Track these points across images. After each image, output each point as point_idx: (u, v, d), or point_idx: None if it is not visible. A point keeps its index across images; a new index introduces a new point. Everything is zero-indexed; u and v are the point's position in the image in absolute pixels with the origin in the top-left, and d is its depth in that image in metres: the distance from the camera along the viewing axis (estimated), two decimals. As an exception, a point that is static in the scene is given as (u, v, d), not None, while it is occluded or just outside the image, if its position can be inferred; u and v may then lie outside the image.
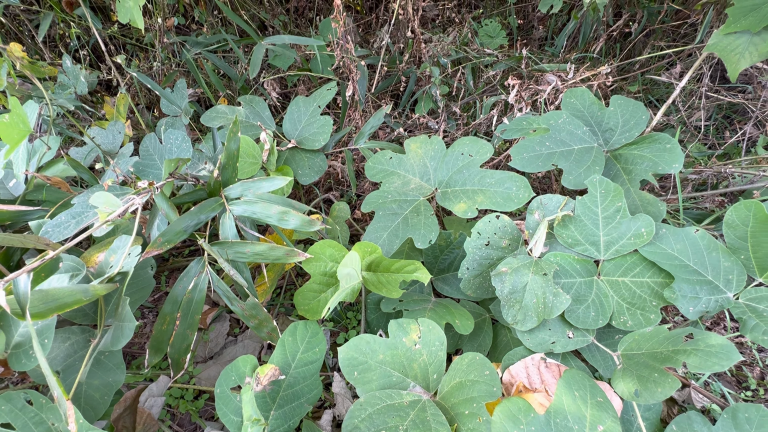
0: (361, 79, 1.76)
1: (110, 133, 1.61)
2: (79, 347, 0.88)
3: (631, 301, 0.94)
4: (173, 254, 1.63)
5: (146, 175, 1.27)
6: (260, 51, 1.67)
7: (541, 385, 0.89)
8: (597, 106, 1.24)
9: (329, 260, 1.08)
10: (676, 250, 0.93)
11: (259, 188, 1.09)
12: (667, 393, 0.74)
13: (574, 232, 1.00)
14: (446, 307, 1.09)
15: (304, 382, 0.88)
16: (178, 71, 2.11)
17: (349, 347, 0.87)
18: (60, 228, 1.04)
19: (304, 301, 1.09)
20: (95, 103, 2.19)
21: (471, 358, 0.84)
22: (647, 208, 1.07)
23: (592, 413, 0.68)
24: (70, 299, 0.71)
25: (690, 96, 2.05)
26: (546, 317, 0.93)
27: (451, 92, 2.06)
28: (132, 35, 2.28)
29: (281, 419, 0.84)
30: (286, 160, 1.43)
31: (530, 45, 2.39)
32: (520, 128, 1.27)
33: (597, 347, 0.98)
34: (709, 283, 0.89)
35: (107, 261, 0.96)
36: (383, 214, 1.16)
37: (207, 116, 1.49)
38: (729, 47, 1.02)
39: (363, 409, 0.79)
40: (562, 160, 1.14)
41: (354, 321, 1.33)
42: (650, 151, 1.12)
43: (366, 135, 1.45)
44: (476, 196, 1.11)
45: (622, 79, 2.19)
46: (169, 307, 0.96)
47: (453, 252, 1.21)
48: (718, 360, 0.74)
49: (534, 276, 0.95)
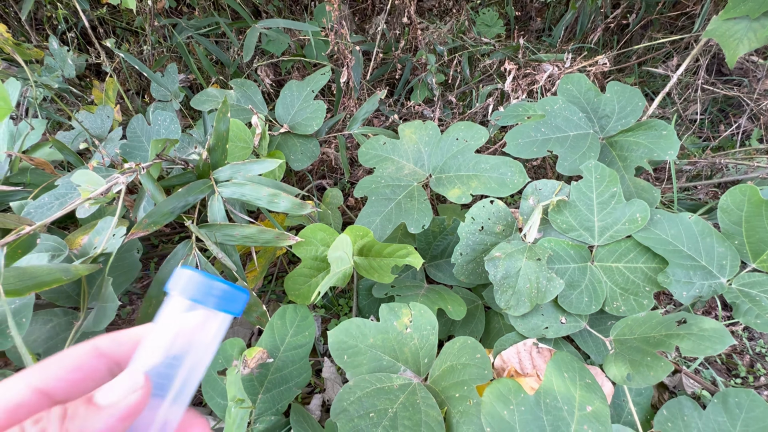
0: (355, 65, 1.74)
1: (98, 118, 1.57)
2: (62, 329, 0.86)
3: (624, 286, 0.93)
4: (163, 241, 1.61)
5: (133, 157, 1.24)
6: (254, 34, 1.64)
7: (533, 369, 0.88)
8: (593, 92, 1.23)
9: (320, 244, 1.07)
10: (670, 235, 0.92)
11: (250, 170, 1.06)
12: (659, 376, 0.73)
13: (569, 218, 0.99)
14: (439, 293, 1.07)
15: (293, 366, 0.86)
16: (168, 56, 2.06)
17: (339, 331, 0.86)
18: (43, 209, 1.01)
19: (295, 286, 1.07)
20: (84, 87, 2.14)
21: (462, 342, 0.83)
22: (642, 194, 1.06)
23: (581, 394, 0.67)
24: (48, 278, 0.68)
25: (686, 89, 2.05)
26: (539, 302, 0.92)
27: (447, 81, 2.04)
28: (122, 18, 2.22)
29: (269, 403, 0.82)
30: (279, 145, 1.40)
31: (527, 35, 2.37)
32: (515, 114, 1.26)
33: (589, 333, 0.97)
34: (702, 269, 0.89)
35: (91, 242, 0.94)
36: (376, 199, 1.14)
37: (197, 99, 1.45)
38: (728, 33, 1.01)
39: (352, 392, 0.77)
40: (558, 146, 1.13)
41: (346, 308, 1.31)
42: (646, 138, 1.11)
43: (360, 120, 1.43)
44: (471, 182, 1.10)
45: (619, 70, 2.18)
46: (155, 289, 0.94)
47: (446, 238, 1.19)
48: (711, 344, 0.73)
49: (527, 261, 0.94)
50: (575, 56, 1.97)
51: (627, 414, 0.88)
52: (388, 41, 2.04)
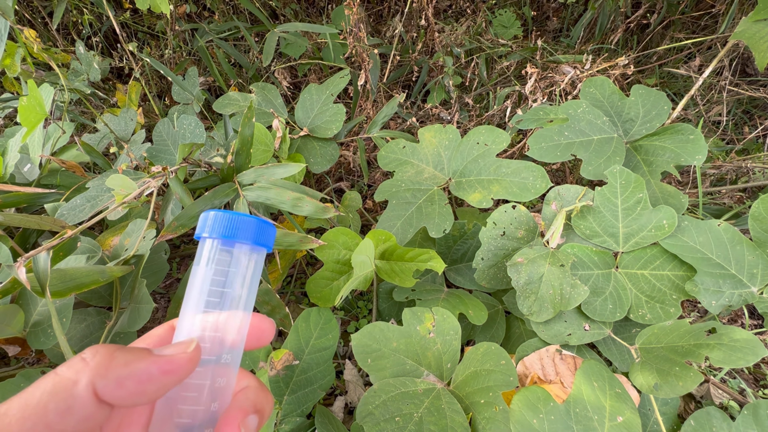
0: (373, 68, 1.74)
1: (122, 120, 1.61)
2: (95, 329, 0.88)
3: (650, 294, 0.92)
4: (184, 242, 1.64)
5: (159, 160, 1.27)
6: (273, 39, 1.66)
7: (556, 376, 0.88)
8: (617, 95, 1.21)
9: (342, 248, 1.08)
10: (698, 242, 0.91)
11: (273, 174, 1.08)
12: (689, 387, 0.72)
13: (593, 224, 0.98)
14: (459, 297, 1.07)
15: (317, 368, 0.87)
16: (189, 59, 2.10)
17: (362, 334, 0.86)
18: (75, 211, 1.04)
19: (317, 288, 1.09)
20: (107, 90, 2.20)
21: (486, 348, 0.83)
22: (668, 200, 1.04)
23: (611, 404, 0.67)
24: (87, 279, 0.71)
25: (708, 90, 2.00)
26: (562, 309, 0.91)
27: (464, 83, 2.03)
28: (144, 22, 2.27)
29: (294, 404, 0.84)
30: (298, 148, 1.42)
31: (545, 36, 2.34)
32: (536, 118, 1.25)
33: (613, 340, 0.96)
34: (732, 277, 0.87)
35: (122, 244, 0.96)
36: (397, 203, 1.15)
37: (219, 103, 1.48)
38: (758, 35, 0.99)
39: (377, 396, 0.78)
40: (581, 151, 1.12)
41: (365, 310, 1.32)
42: (672, 143, 1.09)
43: (379, 124, 1.44)
44: (491, 186, 1.10)
45: (639, 71, 2.14)
46: (182, 290, 0.96)
47: (466, 242, 1.19)
48: (743, 355, 0.72)
49: (551, 267, 0.93)
50: (595, 57, 1.94)
51: (653, 424, 0.87)
52: (405, 44, 2.04)
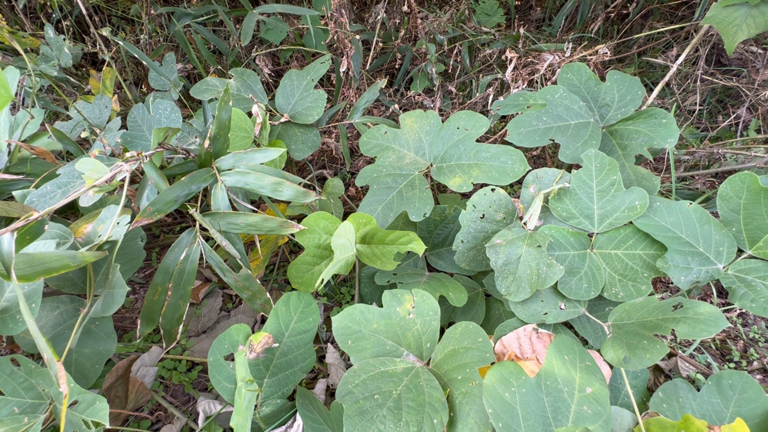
0: (355, 54, 1.73)
1: (96, 108, 1.56)
2: (69, 316, 0.87)
3: (623, 272, 0.95)
4: (164, 231, 1.61)
5: (134, 146, 1.24)
6: (252, 19, 1.62)
7: (533, 354, 0.90)
8: (593, 81, 1.23)
9: (323, 232, 1.08)
10: (669, 222, 0.94)
11: (252, 159, 1.06)
12: (655, 358, 0.75)
13: (569, 206, 1.01)
14: (440, 280, 1.09)
15: (298, 351, 0.88)
16: (166, 45, 2.04)
17: (343, 316, 0.87)
18: (46, 197, 1.01)
19: (298, 273, 1.09)
20: (80, 77, 2.12)
21: (464, 327, 0.85)
22: (641, 182, 1.07)
23: (581, 376, 0.69)
24: (57, 264, 0.69)
25: (685, 79, 2.05)
26: (539, 288, 0.93)
27: (447, 71, 2.03)
28: (118, 7, 2.19)
29: (275, 386, 0.84)
30: (279, 134, 1.40)
31: (527, 25, 2.36)
32: (516, 104, 1.26)
33: (588, 318, 0.99)
34: (700, 255, 0.90)
35: (95, 231, 0.94)
36: (378, 188, 1.15)
37: (197, 88, 1.45)
38: (727, 19, 1.02)
39: (357, 376, 0.79)
40: (559, 135, 1.14)
41: (348, 296, 1.33)
42: (646, 126, 1.12)
43: (360, 109, 1.43)
44: (472, 170, 1.11)
45: (619, 60, 2.17)
46: (160, 277, 0.95)
47: (447, 227, 1.20)
48: (707, 327, 0.75)
49: (528, 248, 0.95)
50: (575, 46, 1.97)
51: (624, 396, 0.90)
52: (388, 30, 2.03)
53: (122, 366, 0.92)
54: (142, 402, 1.01)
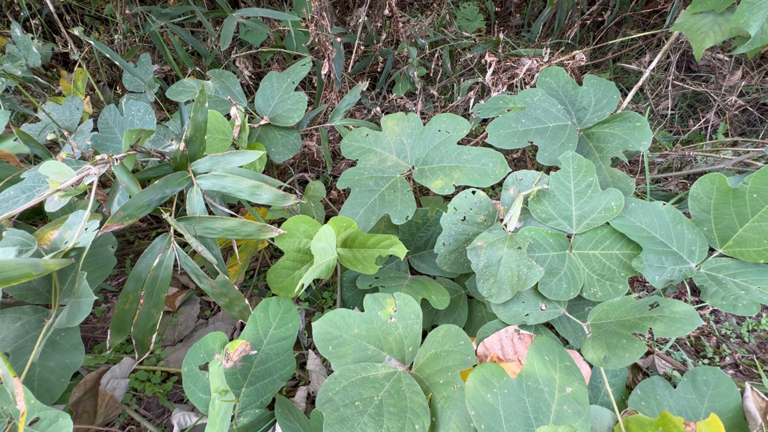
0: (337, 57, 1.72)
1: (67, 109, 1.50)
2: (32, 328, 0.82)
3: (600, 272, 0.96)
4: (139, 237, 1.55)
5: (106, 149, 1.20)
6: (231, 23, 1.60)
7: (515, 355, 0.91)
8: (571, 85, 1.26)
9: (303, 236, 1.06)
10: (644, 222, 0.96)
11: (230, 162, 1.04)
12: (633, 357, 0.76)
13: (548, 207, 1.02)
14: (422, 283, 1.08)
15: (277, 358, 0.85)
16: (142, 46, 1.99)
17: (323, 321, 0.85)
18: (8, 202, 0.96)
19: (278, 279, 1.06)
20: (51, 78, 2.04)
21: (446, 330, 0.84)
22: (617, 184, 1.10)
23: (561, 376, 0.69)
24: (16, 272, 0.65)
25: (658, 84, 2.12)
26: (520, 289, 0.94)
27: (429, 74, 2.04)
28: (91, 5, 2.13)
29: (253, 396, 0.81)
30: (259, 137, 1.38)
31: (507, 30, 2.40)
32: (496, 107, 1.27)
33: (568, 319, 1.00)
34: (674, 254, 0.93)
35: (62, 237, 0.90)
36: (360, 191, 1.14)
37: (173, 90, 1.41)
38: (695, 26, 1.05)
39: (337, 382, 0.77)
40: (538, 137, 1.15)
41: (330, 300, 1.31)
42: (621, 129, 1.14)
43: (342, 112, 1.42)
44: (453, 173, 1.11)
45: (595, 66, 2.23)
46: (132, 285, 0.91)
47: (429, 229, 1.20)
48: (682, 325, 0.77)
49: (509, 250, 0.95)
50: (553, 51, 2.01)
51: (604, 395, 0.91)
52: (370, 34, 2.03)
53: (91, 379, 0.87)
54: (112, 416, 0.96)
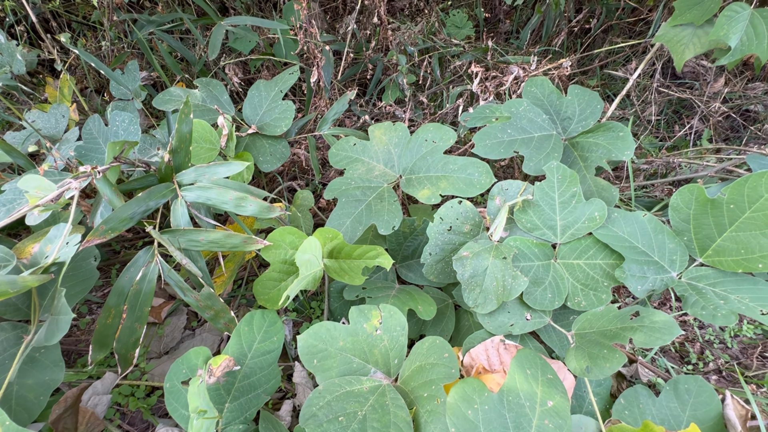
0: (326, 65, 1.72)
1: (52, 117, 1.49)
2: (10, 345, 0.80)
3: (585, 282, 0.97)
4: (125, 246, 1.54)
5: (90, 160, 1.18)
6: (220, 31, 1.59)
7: (500, 366, 0.91)
8: (556, 95, 1.27)
9: (289, 247, 1.05)
10: (626, 232, 0.97)
11: (215, 173, 1.03)
12: (614, 368, 0.77)
13: (533, 217, 1.03)
14: (409, 293, 1.08)
15: (261, 373, 0.85)
16: (129, 53, 1.97)
17: (308, 335, 0.85)
18: (-13, 216, 0.94)
19: (264, 290, 1.06)
20: (36, 85, 2.02)
21: (431, 342, 0.84)
22: (601, 193, 1.11)
23: (542, 390, 0.69)
24: (-8, 291, 0.64)
25: (644, 91, 2.15)
26: (505, 299, 0.94)
27: (418, 81, 2.05)
28: (78, 12, 2.11)
29: (237, 411, 0.81)
30: (247, 146, 1.37)
31: (496, 37, 2.42)
32: (483, 116, 1.28)
33: (553, 328, 1.01)
34: (655, 264, 0.94)
35: (42, 251, 0.88)
36: (346, 201, 1.14)
37: (159, 99, 1.40)
38: (675, 38, 1.07)
39: (321, 397, 0.77)
40: (523, 147, 1.16)
41: (318, 311, 1.30)
42: (605, 139, 1.16)
43: (330, 121, 1.42)
44: (440, 182, 1.11)
45: (582, 73, 2.26)
46: (114, 299, 0.90)
47: (417, 239, 1.20)
48: (661, 335, 0.78)
49: (494, 260, 0.96)
50: (541, 59, 2.03)
51: (588, 404, 0.92)
52: (359, 41, 2.04)
53: (71, 395, 0.86)
54: (95, 432, 0.94)
